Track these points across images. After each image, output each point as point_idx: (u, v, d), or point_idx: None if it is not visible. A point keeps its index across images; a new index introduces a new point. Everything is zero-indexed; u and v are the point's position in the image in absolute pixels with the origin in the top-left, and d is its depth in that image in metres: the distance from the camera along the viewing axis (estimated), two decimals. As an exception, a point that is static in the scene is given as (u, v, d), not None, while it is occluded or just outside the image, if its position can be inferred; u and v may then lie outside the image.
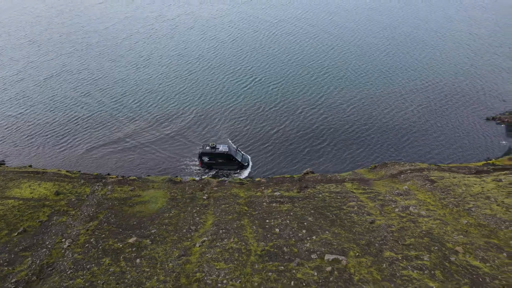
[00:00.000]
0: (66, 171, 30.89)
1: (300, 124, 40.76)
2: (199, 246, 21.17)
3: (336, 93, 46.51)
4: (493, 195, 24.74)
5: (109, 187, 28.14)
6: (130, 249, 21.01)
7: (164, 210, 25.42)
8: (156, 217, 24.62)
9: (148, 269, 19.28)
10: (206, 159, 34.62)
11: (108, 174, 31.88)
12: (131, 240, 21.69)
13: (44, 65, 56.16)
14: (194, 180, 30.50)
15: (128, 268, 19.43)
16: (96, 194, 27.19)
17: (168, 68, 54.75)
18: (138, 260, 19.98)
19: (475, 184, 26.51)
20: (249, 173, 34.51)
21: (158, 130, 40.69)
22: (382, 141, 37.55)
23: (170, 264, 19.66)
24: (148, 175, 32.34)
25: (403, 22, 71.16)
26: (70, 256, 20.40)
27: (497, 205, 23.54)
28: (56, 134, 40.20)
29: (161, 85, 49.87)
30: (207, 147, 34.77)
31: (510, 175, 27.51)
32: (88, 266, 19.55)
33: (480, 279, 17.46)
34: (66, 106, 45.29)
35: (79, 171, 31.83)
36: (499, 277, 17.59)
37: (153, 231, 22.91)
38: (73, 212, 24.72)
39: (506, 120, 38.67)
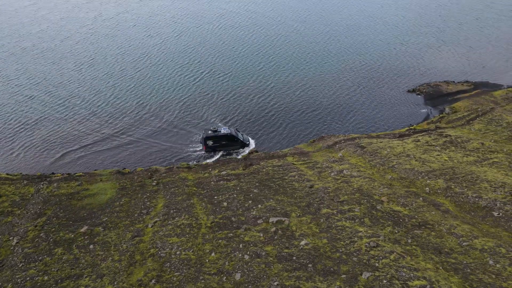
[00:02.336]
0: (6, 174, 29.93)
1: (249, 109, 42.50)
2: (152, 227, 22.09)
3: (279, 80, 48.77)
4: (412, 153, 28.18)
5: (55, 185, 27.86)
6: (82, 237, 21.40)
7: (114, 200, 25.85)
8: (106, 206, 25.01)
9: (102, 253, 19.90)
10: (210, 142, 35.63)
11: (53, 173, 31.34)
12: (82, 230, 22.03)
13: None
14: (142, 169, 31.03)
15: (81, 254, 19.91)
16: (42, 192, 26.85)
17: (115, 66, 53.60)
18: (91, 246, 20.49)
19: (398, 146, 29.90)
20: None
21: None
22: (320, 118, 40.37)
23: (124, 246, 20.42)
24: (95, 170, 32.24)
25: (339, 11, 75.38)
26: (20, 251, 20.38)
27: (415, 161, 26.93)
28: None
29: (108, 84, 48.85)
30: (210, 131, 35.91)
31: (426, 136, 31.33)
32: (40, 258, 19.73)
33: (401, 220, 20.30)
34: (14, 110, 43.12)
35: (21, 173, 30.94)
36: (416, 216, 20.57)
37: (104, 219, 23.37)
38: (19, 212, 24.36)
39: (424, 90, 43.28)
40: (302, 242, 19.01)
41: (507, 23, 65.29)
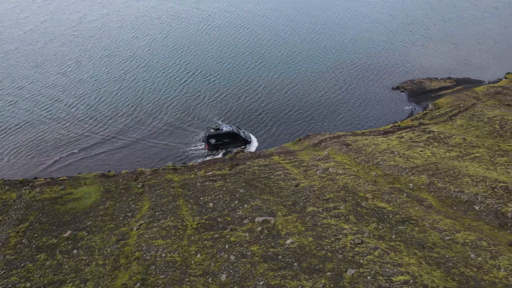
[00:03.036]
0: (-13, 180, 29.32)
1: (237, 109, 42.44)
2: (137, 230, 21.88)
3: (267, 79, 48.71)
4: (396, 150, 28.48)
5: (38, 189, 27.38)
6: (65, 242, 21.07)
7: (99, 203, 25.52)
8: (90, 210, 24.68)
9: (86, 257, 19.63)
10: (213, 141, 35.28)
11: (36, 178, 30.80)
12: (66, 235, 21.70)
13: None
14: (127, 172, 30.70)
15: (65, 259, 19.60)
16: (24, 197, 26.36)
17: (101, 69, 52.64)
18: (75, 251, 20.19)
19: (382, 143, 30.18)
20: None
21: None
22: (306, 116, 40.47)
23: (108, 249, 20.17)
24: (79, 173, 31.77)
25: (326, 9, 75.77)
26: (2, 258, 19.97)
27: (399, 157, 27.23)
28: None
29: (94, 86, 48.11)
30: (211, 130, 35.66)
31: (410, 132, 31.70)
32: (22, 264, 19.37)
33: (385, 216, 20.49)
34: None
35: (2, 178, 30.30)
36: (400, 212, 20.78)
37: (88, 223, 23.06)
38: (0, 218, 23.87)
39: (408, 87, 43.77)
40: (288, 241, 19.04)
41: (490, 20, 66.50)
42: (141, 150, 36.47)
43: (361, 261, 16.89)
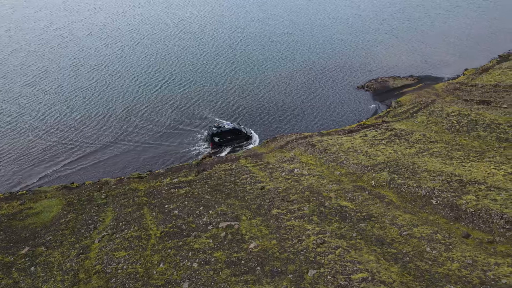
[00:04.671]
0: None
1: (204, 114, 42.12)
2: (99, 242, 21.32)
3: (236, 83, 48.68)
4: (359, 148, 29.05)
5: (-6, 206, 26.26)
6: (23, 259, 20.26)
7: (60, 217, 24.71)
8: (51, 225, 23.86)
9: (43, 274, 18.94)
10: (217, 139, 35.34)
11: (-7, 194, 29.52)
12: (23, 252, 20.86)
13: None
14: (91, 183, 29.89)
15: (21, 277, 18.85)
16: (-21, 215, 25.20)
17: (69, 78, 51.03)
18: (32, 268, 19.45)
19: (347, 142, 30.72)
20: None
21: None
22: (273, 118, 40.66)
23: (68, 264, 19.55)
24: (40, 186, 30.69)
25: (297, 13, 76.57)
26: (-47, 281, 19.00)
27: (363, 155, 27.77)
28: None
29: (62, 96, 46.60)
30: (214, 128, 35.72)
31: (373, 130, 32.41)
32: (-25, 286, 18.50)
33: (347, 215, 20.83)
34: None
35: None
36: (361, 210, 21.18)
37: (48, 238, 22.28)
38: (-48, 238, 22.71)
39: (372, 86, 44.79)
40: (251, 245, 19.03)
41: (453, 19, 69.08)
42: (118, 157, 35.75)
43: (322, 261, 17.09)
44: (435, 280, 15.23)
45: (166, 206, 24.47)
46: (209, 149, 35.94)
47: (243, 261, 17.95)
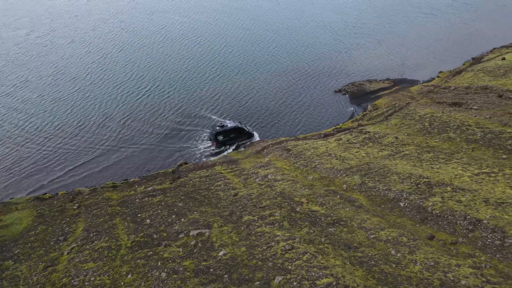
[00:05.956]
0: None
1: (180, 120, 42.05)
2: (68, 254, 21.00)
3: (223, 88, 48.78)
4: (333, 152, 29.33)
5: (-38, 219, 25.65)
6: (-12, 274, 19.85)
7: (30, 229, 24.28)
8: (20, 237, 23.42)
9: (9, 289, 18.59)
10: (221, 137, 36.18)
11: (-38, 207, 28.82)
12: (-11, 266, 20.45)
13: None
14: (64, 193, 29.45)
15: (-14, 293, 18.46)
16: None
17: (50, 88, 50.15)
18: (-3, 283, 19.07)
19: (321, 146, 30.99)
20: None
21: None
22: (250, 124, 40.78)
23: (34, 278, 19.20)
24: (11, 198, 30.12)
25: (280, 18, 77.13)
26: None
27: (336, 159, 28.05)
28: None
29: (43, 106, 45.83)
30: (217, 127, 36.63)
31: (348, 134, 32.78)
32: None
33: (317, 220, 20.98)
34: None
35: None
36: (331, 214, 21.37)
37: (16, 251, 21.86)
38: None
39: (349, 90, 45.36)
40: (221, 253, 19.01)
41: (431, 21, 70.55)
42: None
43: (290, 267, 17.16)
44: (398, 283, 15.44)
45: (139, 215, 24.28)
46: (213, 148, 36.82)
47: (211, 270, 17.90)
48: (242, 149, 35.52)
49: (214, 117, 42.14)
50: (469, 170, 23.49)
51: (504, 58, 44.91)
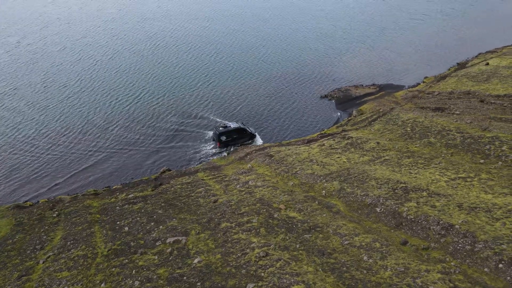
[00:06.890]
0: None
1: (168, 126, 41.99)
2: (43, 263, 20.86)
3: (212, 94, 48.88)
4: (315, 158, 29.43)
5: None
6: (-39, 285, 19.67)
7: (8, 238, 24.10)
8: (-3, 246, 23.26)
9: (-19, 299, 18.42)
10: (224, 138, 36.69)
11: None
12: (-37, 276, 20.27)
13: None
14: (45, 201, 29.28)
15: (-43, 304, 18.28)
16: None
17: (40, 95, 49.90)
18: (-30, 293, 18.89)
19: (304, 152, 31.08)
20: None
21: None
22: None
23: (8, 287, 19.07)
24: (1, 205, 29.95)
25: (270, 24, 77.49)
26: None
27: (317, 165, 28.14)
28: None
29: (30, 115, 45.62)
30: (220, 128, 37.25)
31: (331, 140, 32.93)
32: None
33: (294, 226, 21.01)
34: None
35: None
36: (308, 220, 21.41)
37: (-8, 261, 21.70)
38: None
39: (335, 95, 45.60)
40: (195, 260, 18.97)
41: (421, 27, 71.32)
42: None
43: (262, 274, 17.16)
44: (367, 289, 15.48)
45: (118, 222, 24.19)
46: (216, 148, 37.19)
47: (185, 277, 17.85)
48: (225, 154, 35.57)
49: (204, 122, 42.13)
50: (446, 175, 23.66)
51: (488, 64, 45.42)
